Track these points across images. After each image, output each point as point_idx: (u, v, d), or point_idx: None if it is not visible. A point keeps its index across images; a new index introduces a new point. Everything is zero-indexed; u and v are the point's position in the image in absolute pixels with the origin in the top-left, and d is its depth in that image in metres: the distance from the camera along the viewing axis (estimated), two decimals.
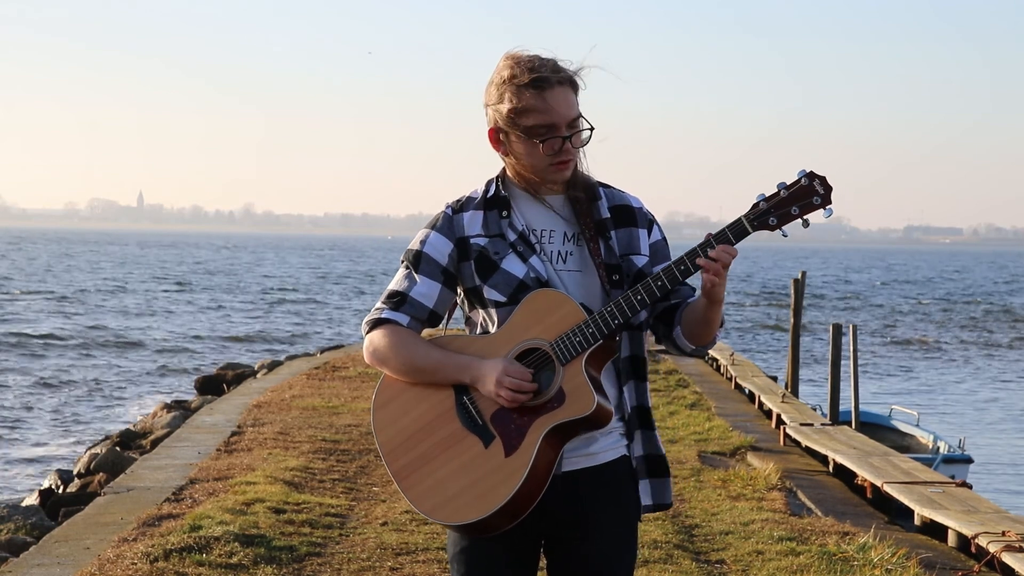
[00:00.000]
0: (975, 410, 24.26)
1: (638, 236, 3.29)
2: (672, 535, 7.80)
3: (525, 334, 3.16)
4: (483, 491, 3.11)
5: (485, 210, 3.26)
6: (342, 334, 38.41)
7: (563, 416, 3.10)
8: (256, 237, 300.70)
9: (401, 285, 3.29)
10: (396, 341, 3.23)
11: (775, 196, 3.13)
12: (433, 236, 3.27)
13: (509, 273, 3.20)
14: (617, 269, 3.23)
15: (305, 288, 65.52)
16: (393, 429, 3.24)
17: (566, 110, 3.17)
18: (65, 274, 71.61)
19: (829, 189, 3.13)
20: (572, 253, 3.25)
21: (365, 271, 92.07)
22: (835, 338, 16.41)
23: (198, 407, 16.17)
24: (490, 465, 3.12)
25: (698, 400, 15.63)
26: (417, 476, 3.19)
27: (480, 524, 3.12)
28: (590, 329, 3.11)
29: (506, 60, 3.21)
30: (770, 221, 3.12)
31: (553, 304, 3.15)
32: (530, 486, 3.09)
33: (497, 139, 3.25)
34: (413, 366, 3.20)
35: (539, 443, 3.09)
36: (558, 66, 3.18)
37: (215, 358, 29.94)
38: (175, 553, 6.78)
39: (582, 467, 3.21)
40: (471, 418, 3.16)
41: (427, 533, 7.62)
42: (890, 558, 7.20)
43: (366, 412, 13.24)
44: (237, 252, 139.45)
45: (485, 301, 3.22)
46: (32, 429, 19.15)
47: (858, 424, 15.09)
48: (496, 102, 3.20)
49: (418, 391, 3.23)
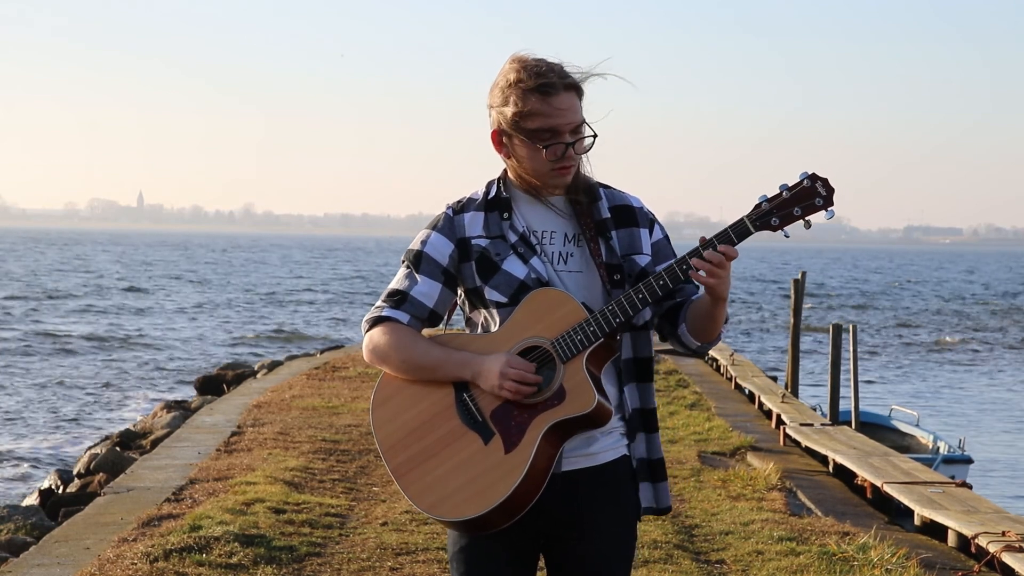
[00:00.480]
0: (975, 410, 24.25)
1: (639, 236, 3.29)
2: (672, 535, 7.80)
3: (526, 332, 3.16)
4: (482, 487, 3.11)
5: (486, 211, 3.27)
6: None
7: (563, 413, 3.11)
8: (258, 237, 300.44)
9: (402, 284, 3.29)
10: (396, 338, 3.23)
11: (777, 197, 3.14)
12: (434, 236, 3.28)
13: (510, 274, 3.20)
14: (618, 269, 3.24)
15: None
16: (392, 426, 3.24)
17: (570, 116, 3.17)
18: (78, 274, 71.60)
19: (831, 191, 3.14)
20: (573, 254, 3.25)
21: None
22: (835, 338, 16.41)
23: (198, 407, 16.17)
24: (489, 462, 3.12)
25: (698, 400, 15.62)
26: (416, 473, 3.19)
27: (479, 520, 3.12)
28: (591, 327, 3.12)
29: (512, 63, 3.21)
30: (772, 222, 3.14)
31: (554, 303, 3.16)
32: (529, 483, 3.09)
33: (500, 141, 3.25)
34: (414, 363, 3.21)
35: (539, 440, 3.10)
36: (564, 71, 3.19)
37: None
38: (175, 553, 6.78)
39: (581, 467, 3.21)
40: (471, 415, 3.17)
41: (427, 533, 7.62)
42: (890, 558, 7.20)
43: (366, 412, 13.24)
44: (262, 253, 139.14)
45: (486, 302, 3.23)
46: (32, 429, 19.15)
47: (858, 424, 15.09)
48: (500, 104, 3.21)
49: (417, 388, 3.23)
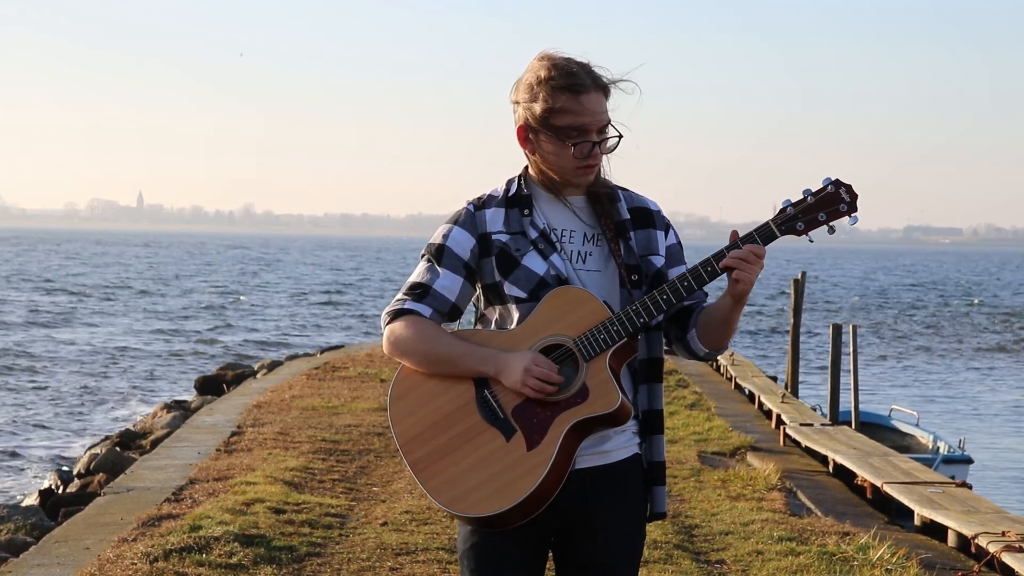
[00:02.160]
0: (976, 410, 24.25)
1: (656, 238, 3.32)
2: (672, 535, 7.80)
3: (548, 330, 3.17)
4: (504, 484, 3.11)
5: (507, 207, 3.28)
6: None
7: (587, 412, 3.12)
8: (261, 237, 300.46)
9: (423, 277, 3.29)
10: (419, 331, 3.22)
11: (802, 202, 3.19)
12: (456, 231, 3.28)
13: (530, 270, 3.22)
14: (636, 269, 3.26)
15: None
16: (411, 420, 3.23)
17: (599, 116, 3.20)
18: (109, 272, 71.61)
19: (855, 196, 3.20)
20: (592, 253, 3.27)
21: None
22: (835, 338, 16.40)
23: (198, 407, 16.17)
24: (511, 459, 3.12)
25: (698, 400, 15.63)
26: (436, 468, 3.17)
27: (498, 517, 3.12)
28: (615, 327, 3.14)
29: (542, 60, 3.24)
30: (798, 226, 3.18)
31: (576, 301, 3.17)
32: (550, 481, 3.10)
33: (525, 137, 3.27)
34: (436, 356, 3.20)
35: (561, 438, 3.10)
36: (594, 72, 3.22)
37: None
38: (175, 553, 6.78)
39: (594, 465, 3.22)
40: (492, 411, 3.17)
41: (427, 533, 7.62)
42: (890, 558, 7.20)
43: (366, 412, 13.25)
44: (285, 253, 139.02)
45: (505, 297, 3.23)
46: (32, 429, 19.15)
47: (858, 424, 15.09)
48: (529, 101, 3.23)
49: (437, 383, 3.22)
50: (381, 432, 11.86)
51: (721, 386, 18.11)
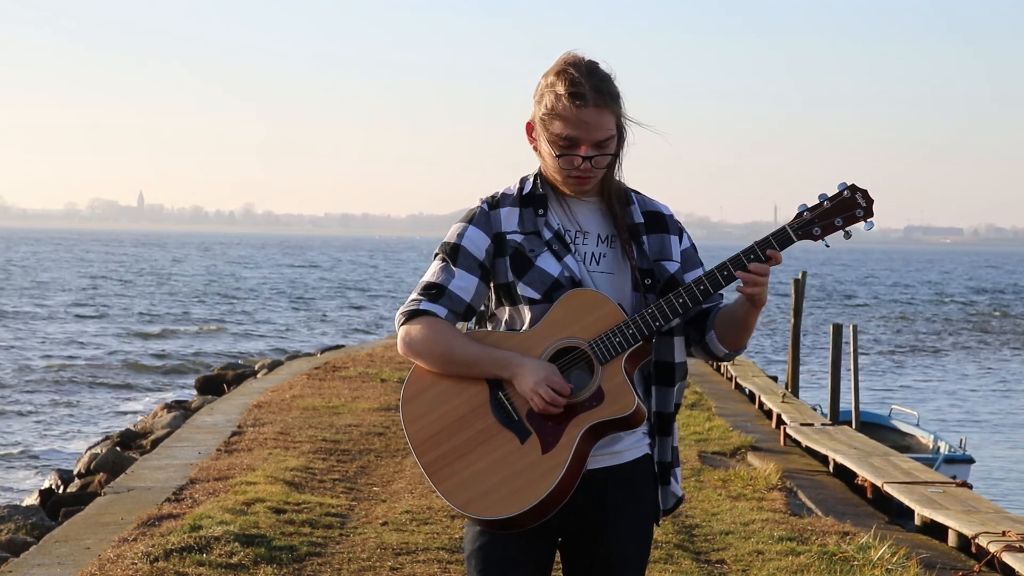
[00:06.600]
0: (976, 410, 24.24)
1: (669, 242, 3.31)
2: (672, 535, 7.80)
3: (562, 332, 3.16)
4: (519, 487, 3.10)
5: (521, 207, 3.26)
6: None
7: (602, 415, 3.11)
8: (262, 237, 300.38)
9: (438, 277, 3.25)
10: (434, 332, 3.19)
11: (818, 207, 3.18)
12: (471, 230, 3.25)
13: (544, 271, 3.20)
14: (650, 273, 3.25)
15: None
16: (424, 422, 3.21)
17: (595, 131, 3.15)
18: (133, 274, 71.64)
19: (871, 201, 3.19)
20: (605, 255, 3.26)
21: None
22: (835, 338, 16.40)
23: (198, 407, 16.17)
24: (526, 461, 3.11)
25: (698, 400, 15.63)
26: (450, 470, 3.16)
27: (514, 520, 3.11)
28: (630, 330, 3.13)
29: (558, 63, 3.21)
30: (814, 231, 3.17)
31: (591, 304, 3.16)
32: (565, 483, 3.10)
33: (531, 133, 3.27)
34: (452, 358, 3.17)
35: (577, 441, 3.10)
36: (603, 87, 3.16)
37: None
38: (175, 553, 6.78)
39: (606, 465, 3.22)
40: (507, 414, 3.15)
41: (427, 533, 7.62)
42: (890, 558, 7.19)
43: (366, 412, 13.24)
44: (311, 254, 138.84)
45: (518, 298, 3.21)
46: (32, 429, 19.15)
47: (858, 424, 15.09)
48: (536, 99, 3.23)
49: (450, 384, 3.20)
50: (382, 432, 11.86)
51: (721, 386, 18.11)
